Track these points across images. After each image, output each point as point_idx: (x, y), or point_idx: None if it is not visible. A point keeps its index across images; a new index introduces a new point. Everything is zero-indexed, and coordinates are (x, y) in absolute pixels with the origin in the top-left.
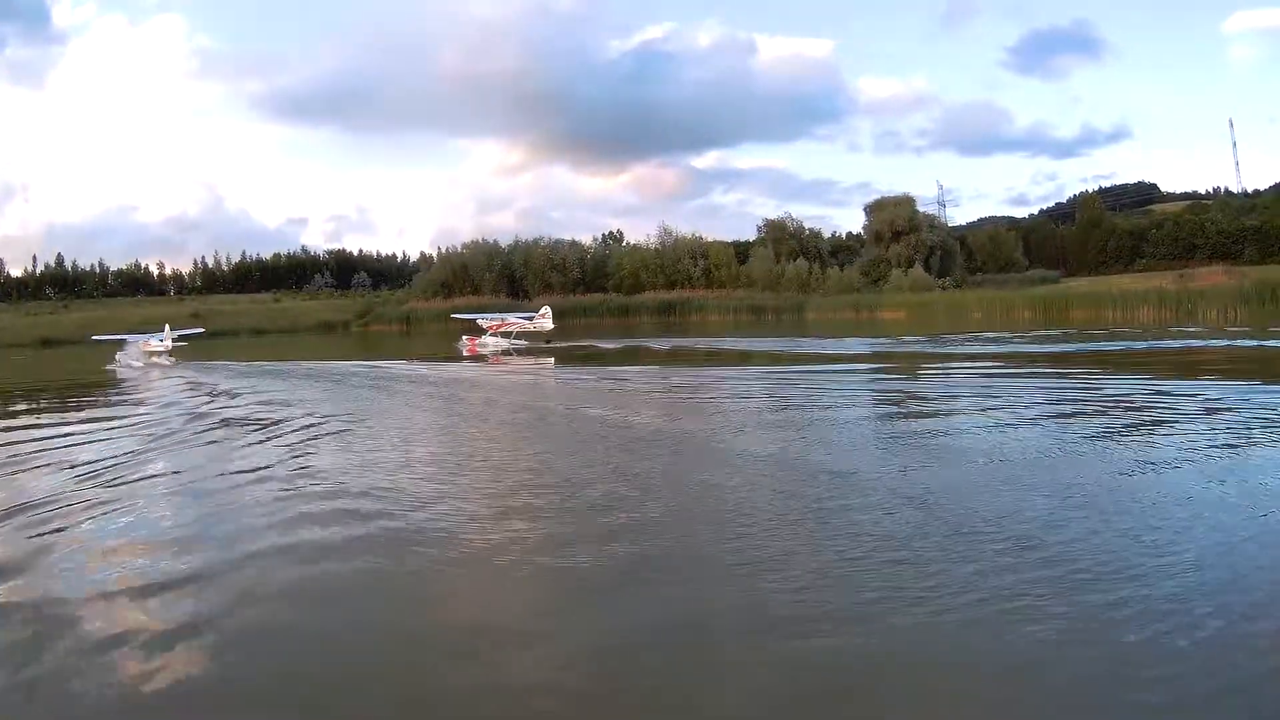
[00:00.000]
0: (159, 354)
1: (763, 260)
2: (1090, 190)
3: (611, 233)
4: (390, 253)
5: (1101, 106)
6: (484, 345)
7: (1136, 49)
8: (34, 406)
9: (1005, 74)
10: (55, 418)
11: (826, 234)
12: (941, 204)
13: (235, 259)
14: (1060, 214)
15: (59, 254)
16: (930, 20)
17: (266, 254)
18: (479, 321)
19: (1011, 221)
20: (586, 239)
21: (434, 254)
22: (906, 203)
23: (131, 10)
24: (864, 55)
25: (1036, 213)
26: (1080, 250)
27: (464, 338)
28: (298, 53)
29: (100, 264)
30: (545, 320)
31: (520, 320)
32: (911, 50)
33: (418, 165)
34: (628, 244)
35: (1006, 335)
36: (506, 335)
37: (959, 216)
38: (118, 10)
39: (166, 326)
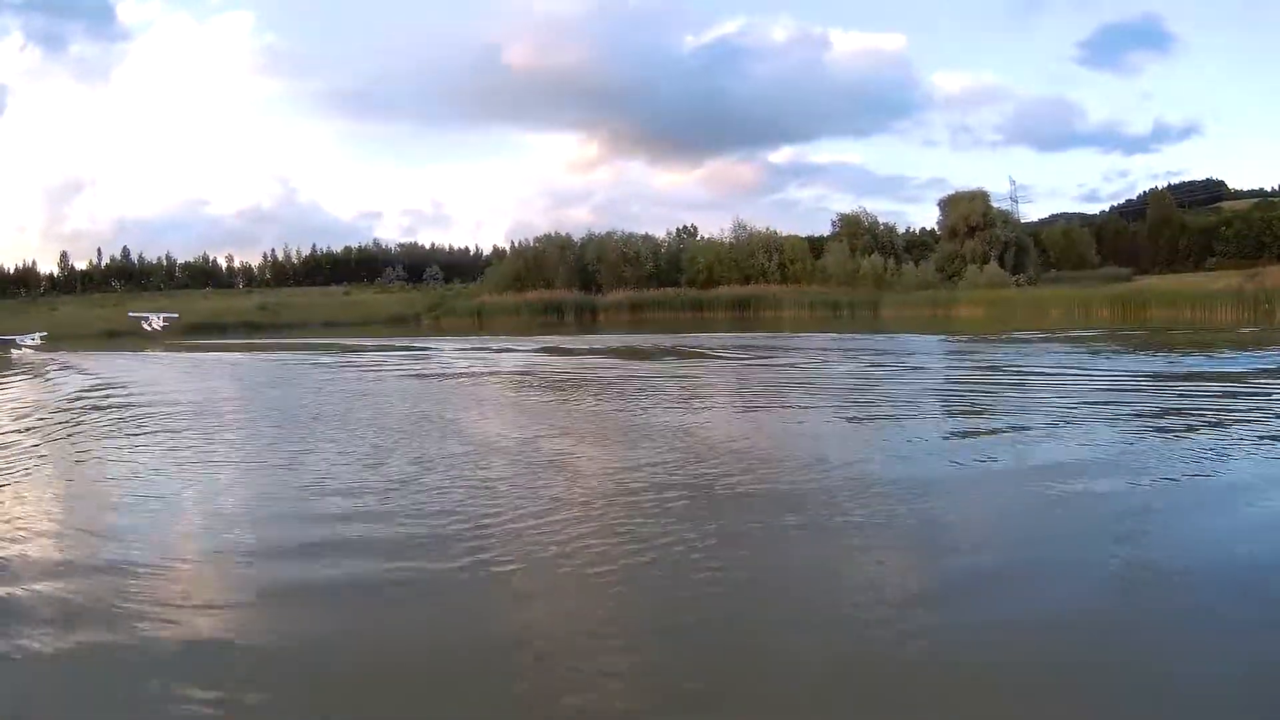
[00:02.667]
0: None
1: (838, 255)
2: (1160, 187)
3: (686, 227)
4: (463, 246)
5: (1173, 102)
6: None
7: (1206, 44)
8: None
9: (1077, 69)
10: None
11: (901, 230)
12: (1014, 200)
13: (306, 252)
14: (1131, 211)
15: (125, 247)
16: (1002, 13)
17: (338, 247)
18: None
19: (1083, 218)
20: (661, 233)
21: (507, 248)
22: (980, 198)
23: (197, 8)
24: (936, 49)
25: (1108, 209)
26: (1151, 248)
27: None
28: (367, 49)
29: (168, 257)
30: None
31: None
32: (983, 44)
33: (492, 160)
34: (702, 238)
35: (1099, 334)
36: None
37: (1032, 213)
38: (183, 8)
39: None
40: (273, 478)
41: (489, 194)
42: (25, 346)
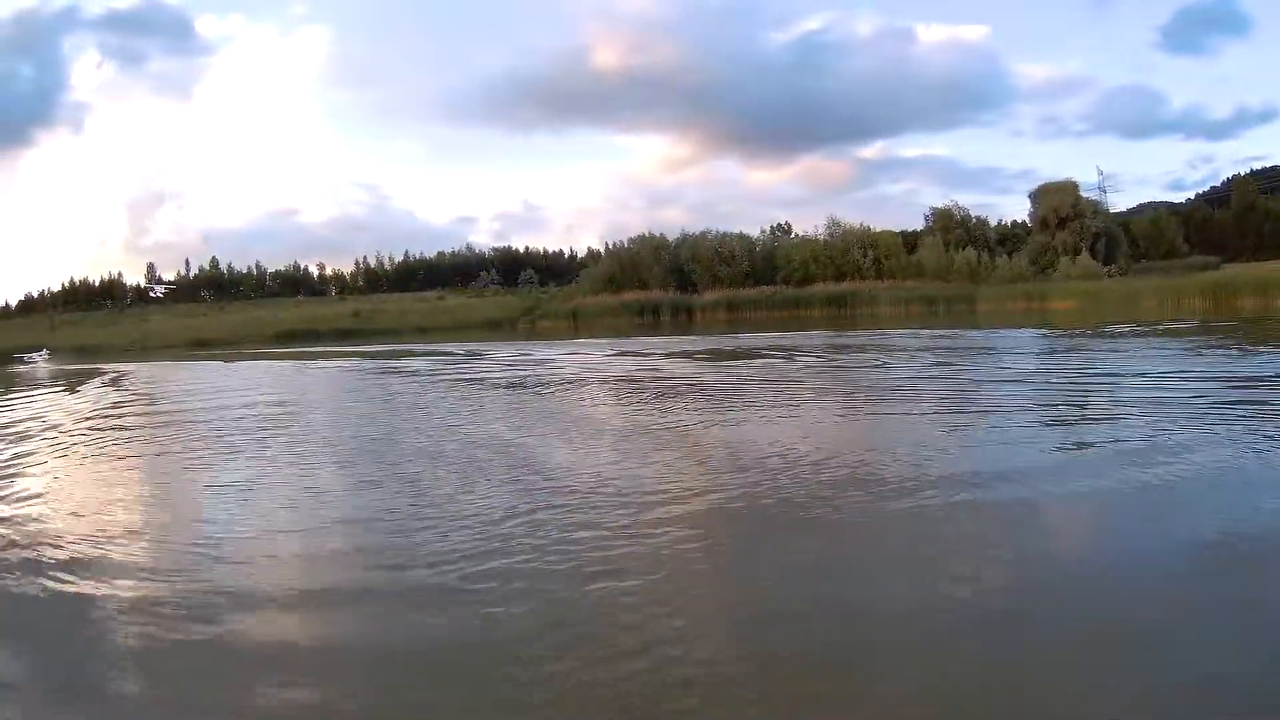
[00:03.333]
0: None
1: (932, 250)
2: (1243, 173)
3: (779, 224)
4: (558, 249)
5: (1251, 85)
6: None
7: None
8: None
9: (1158, 55)
10: None
11: (992, 222)
12: (1103, 190)
13: (399, 259)
14: (1217, 198)
15: (214, 257)
16: (1082, 1)
17: (431, 253)
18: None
19: (1170, 206)
20: (754, 232)
21: (602, 249)
22: (1069, 189)
23: (280, 21)
24: (1019, 39)
25: (1194, 197)
26: (1238, 235)
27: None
28: (454, 55)
29: (257, 266)
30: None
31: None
32: (1065, 32)
33: (585, 162)
34: (796, 235)
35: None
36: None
37: (1120, 202)
38: (265, 21)
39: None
40: (378, 488)
41: (582, 196)
42: (35, 362)
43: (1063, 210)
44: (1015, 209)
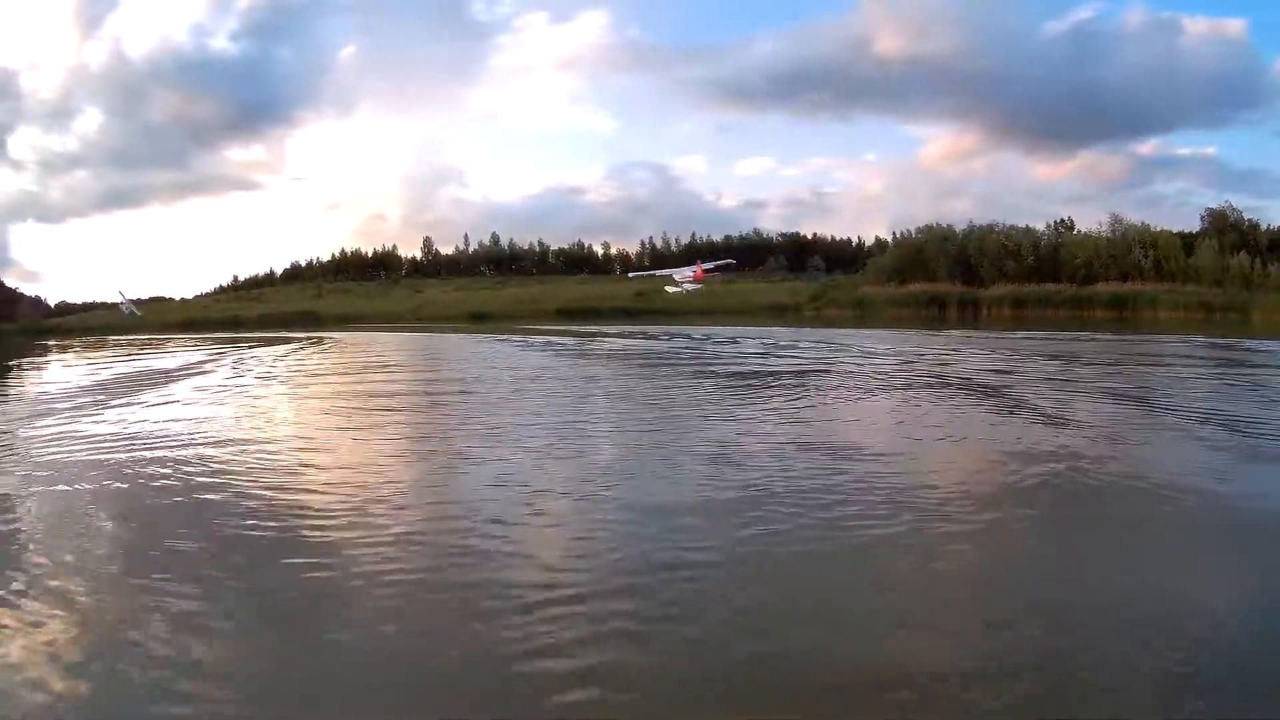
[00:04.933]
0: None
1: (1208, 253)
2: None
3: (1062, 220)
4: (845, 237)
5: None
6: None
7: None
8: None
9: None
10: None
11: (1262, 226)
12: None
13: (685, 240)
14: None
15: (494, 233)
16: None
17: (718, 236)
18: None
19: None
20: (1040, 225)
21: (889, 239)
22: None
23: (553, 8)
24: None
25: None
26: None
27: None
28: (735, 41)
29: (539, 243)
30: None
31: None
32: None
33: (870, 150)
34: (1079, 232)
35: None
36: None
37: None
38: (538, 9)
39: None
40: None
41: (869, 184)
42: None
43: None
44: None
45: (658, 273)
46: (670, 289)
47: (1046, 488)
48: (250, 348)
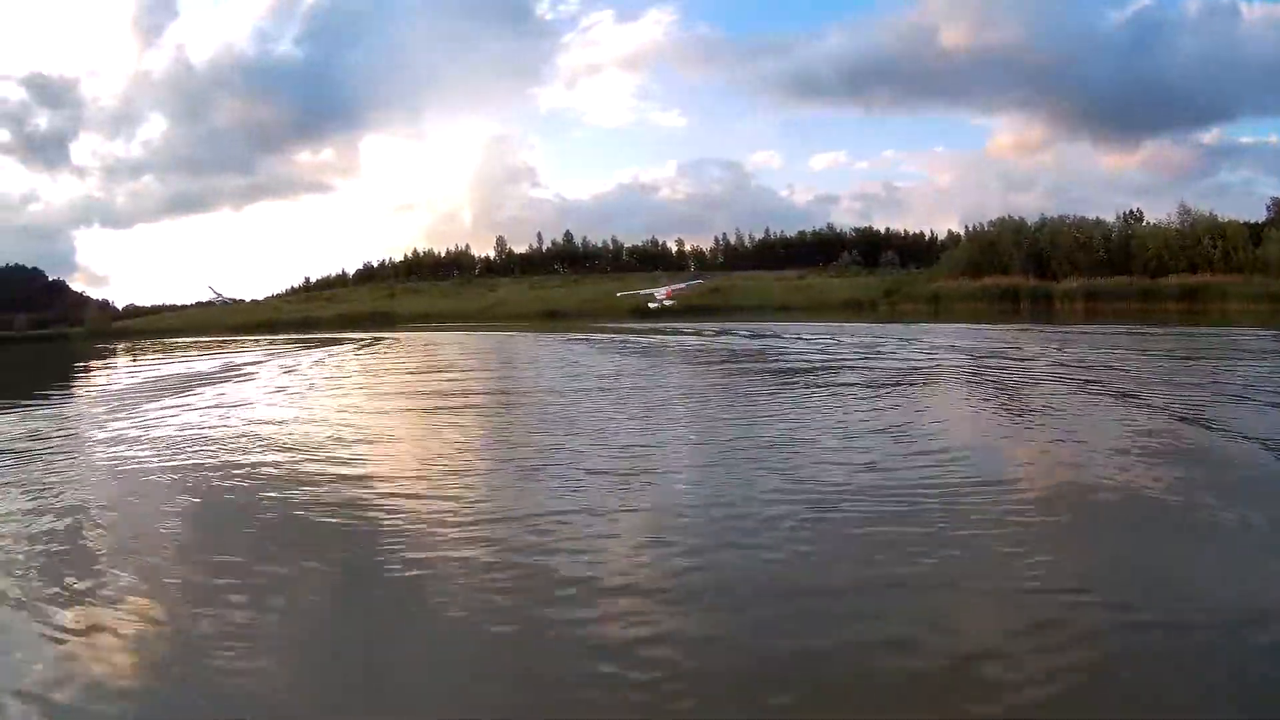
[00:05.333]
0: None
1: (1275, 244)
2: None
3: (1131, 211)
4: (918, 231)
5: None
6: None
7: None
8: None
9: None
10: None
11: None
12: None
13: (759, 236)
14: None
15: (567, 231)
16: None
17: (792, 232)
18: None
19: None
20: (1110, 217)
21: (961, 232)
22: None
23: (619, 4)
24: None
25: None
26: None
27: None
28: (803, 34)
29: (613, 240)
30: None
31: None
32: None
33: (940, 143)
34: (1148, 223)
35: None
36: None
37: None
38: (605, 7)
39: None
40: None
41: (939, 177)
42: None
43: None
44: None
45: (640, 292)
46: (652, 305)
47: None
48: (310, 349)
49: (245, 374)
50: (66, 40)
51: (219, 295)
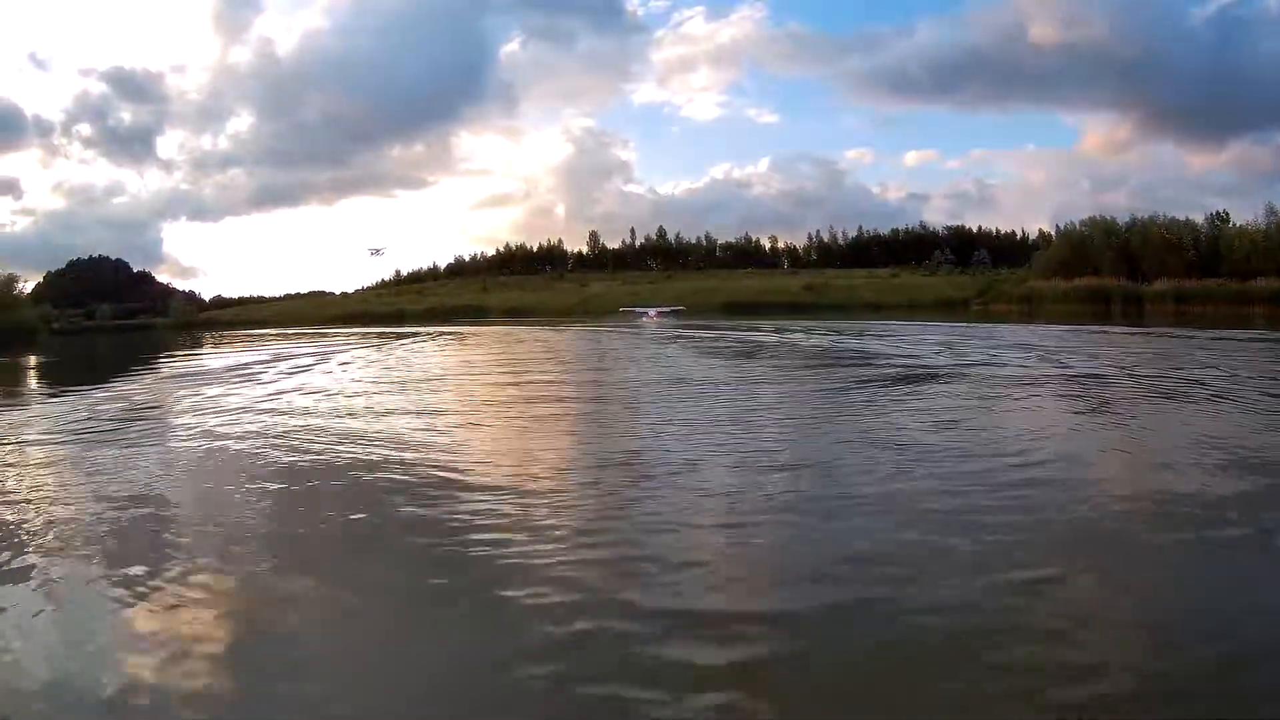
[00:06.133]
0: None
1: None
2: None
3: (1218, 212)
4: (1009, 230)
5: None
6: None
7: None
8: None
9: None
10: None
11: None
12: None
13: (852, 234)
14: None
15: (660, 227)
16: None
17: (885, 229)
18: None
19: None
20: (1199, 218)
21: (1052, 232)
22: None
23: (709, 1)
24: None
25: None
26: None
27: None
28: (894, 31)
29: (707, 237)
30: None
31: None
32: None
33: (1030, 141)
34: (1234, 225)
35: None
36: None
37: None
38: (695, 3)
39: None
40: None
41: (1029, 176)
42: (649, 318)
43: None
44: None
45: (636, 308)
46: (644, 320)
47: None
48: (388, 341)
49: (343, 360)
50: (148, 35)
51: (378, 249)
